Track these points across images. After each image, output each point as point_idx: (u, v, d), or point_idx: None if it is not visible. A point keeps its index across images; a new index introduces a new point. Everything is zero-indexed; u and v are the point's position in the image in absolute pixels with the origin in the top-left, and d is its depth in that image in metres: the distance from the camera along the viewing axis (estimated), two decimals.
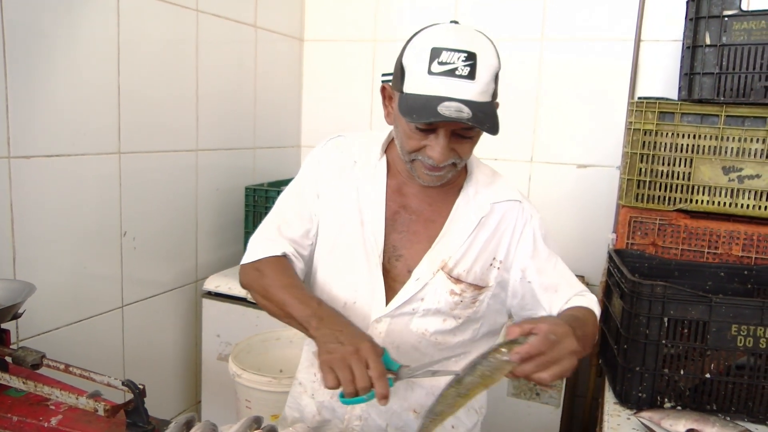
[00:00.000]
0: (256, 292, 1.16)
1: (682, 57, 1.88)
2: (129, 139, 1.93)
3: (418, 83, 1.02)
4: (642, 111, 1.86)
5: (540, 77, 2.49)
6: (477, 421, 1.32)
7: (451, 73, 0.99)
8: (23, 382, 1.12)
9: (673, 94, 2.05)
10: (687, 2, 1.85)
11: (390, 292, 1.17)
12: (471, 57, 1.00)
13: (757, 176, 1.78)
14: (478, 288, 1.18)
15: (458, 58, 0.99)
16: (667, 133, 1.85)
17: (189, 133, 2.20)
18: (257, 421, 1.05)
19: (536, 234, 1.21)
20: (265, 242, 1.20)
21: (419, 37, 1.06)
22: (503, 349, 0.87)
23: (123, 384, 1.06)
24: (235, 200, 2.46)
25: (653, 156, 1.87)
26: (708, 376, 1.46)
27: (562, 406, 1.79)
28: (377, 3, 2.69)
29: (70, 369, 1.17)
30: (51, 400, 1.12)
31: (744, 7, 1.73)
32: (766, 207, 1.78)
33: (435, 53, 1.00)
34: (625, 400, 1.51)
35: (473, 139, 1.09)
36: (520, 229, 1.20)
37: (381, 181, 1.20)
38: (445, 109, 0.98)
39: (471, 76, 1.00)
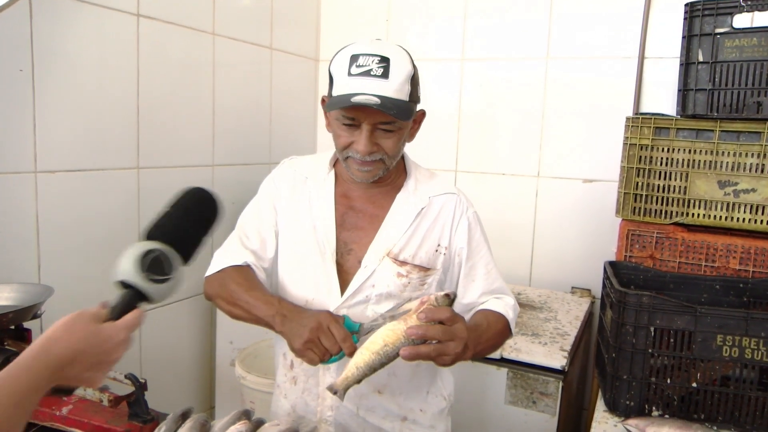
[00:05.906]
0: (223, 299, 1.26)
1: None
2: (147, 155, 2.06)
3: (341, 85, 1.17)
4: (638, 126, 1.90)
5: (545, 94, 2.55)
6: (445, 407, 1.43)
7: (366, 73, 1.14)
8: None
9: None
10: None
11: (345, 285, 1.28)
12: (384, 60, 1.15)
13: (753, 190, 1.80)
14: (425, 270, 1.29)
15: (373, 61, 1.15)
16: (662, 148, 1.89)
17: (205, 148, 2.33)
18: (246, 413, 1.14)
19: (471, 223, 1.35)
20: (228, 254, 1.32)
21: (344, 50, 1.22)
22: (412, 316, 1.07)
23: (126, 377, 1.16)
24: None
25: (649, 170, 1.90)
26: (694, 385, 1.48)
27: (559, 415, 1.82)
28: (388, 25, 2.80)
29: None
30: None
31: (737, 25, 1.77)
32: (761, 221, 1.80)
33: (354, 59, 1.16)
34: (613, 407, 1.55)
35: (395, 134, 1.21)
36: (457, 218, 1.34)
37: (330, 189, 1.33)
38: (357, 99, 1.12)
39: (384, 75, 1.14)
